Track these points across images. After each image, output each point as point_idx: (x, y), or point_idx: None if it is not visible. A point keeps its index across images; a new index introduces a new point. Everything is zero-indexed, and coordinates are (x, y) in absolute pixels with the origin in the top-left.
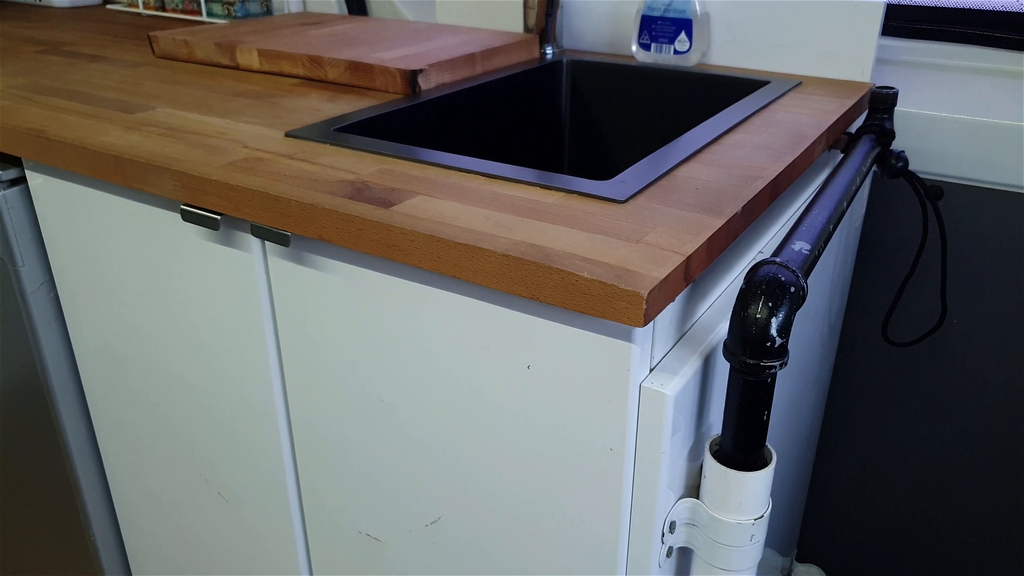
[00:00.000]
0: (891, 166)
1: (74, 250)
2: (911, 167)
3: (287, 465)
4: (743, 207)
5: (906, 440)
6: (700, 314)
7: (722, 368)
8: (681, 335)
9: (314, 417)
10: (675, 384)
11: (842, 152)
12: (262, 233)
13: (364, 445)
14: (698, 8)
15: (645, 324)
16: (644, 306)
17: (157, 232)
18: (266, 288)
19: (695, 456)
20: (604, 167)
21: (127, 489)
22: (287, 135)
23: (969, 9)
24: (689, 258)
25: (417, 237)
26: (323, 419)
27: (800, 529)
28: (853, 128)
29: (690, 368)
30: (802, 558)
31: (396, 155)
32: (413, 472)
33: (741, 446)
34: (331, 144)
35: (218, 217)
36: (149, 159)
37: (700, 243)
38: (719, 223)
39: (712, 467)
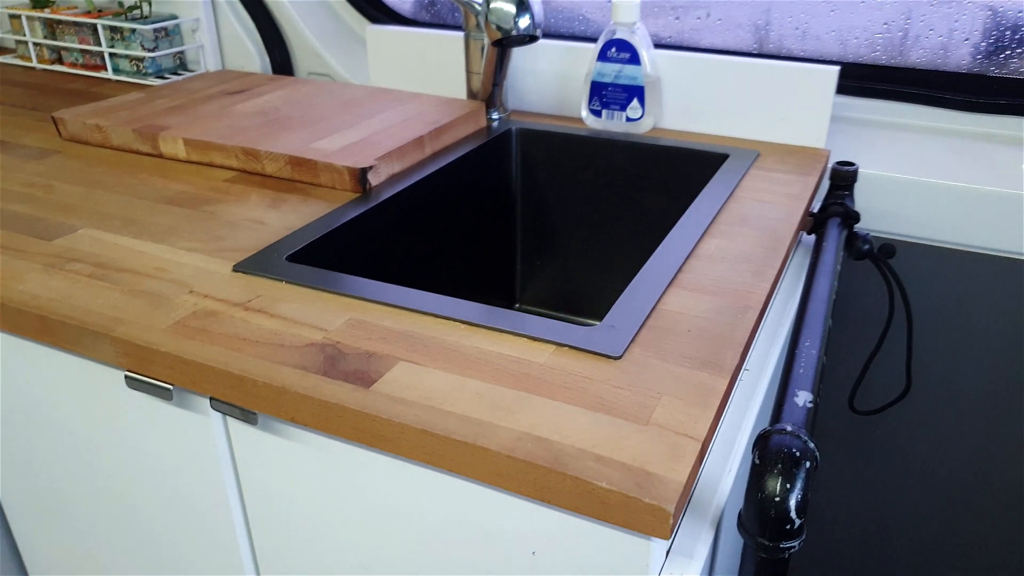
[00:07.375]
0: (857, 248)
1: None
2: (861, 224)
3: None
4: (742, 353)
5: (864, 505)
6: (701, 468)
7: (730, 528)
8: (688, 499)
9: None
10: (693, 569)
11: (807, 232)
12: (224, 408)
13: None
14: (650, 73)
15: (671, 536)
16: (671, 521)
17: (97, 390)
18: (228, 455)
19: None
20: (558, 243)
21: None
22: (235, 269)
23: (921, 70)
24: (704, 441)
25: (407, 431)
26: None
27: None
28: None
29: (704, 544)
30: None
31: (362, 297)
32: None
33: None
34: (287, 282)
35: (170, 388)
36: (83, 321)
37: (711, 418)
38: (723, 384)
39: None
